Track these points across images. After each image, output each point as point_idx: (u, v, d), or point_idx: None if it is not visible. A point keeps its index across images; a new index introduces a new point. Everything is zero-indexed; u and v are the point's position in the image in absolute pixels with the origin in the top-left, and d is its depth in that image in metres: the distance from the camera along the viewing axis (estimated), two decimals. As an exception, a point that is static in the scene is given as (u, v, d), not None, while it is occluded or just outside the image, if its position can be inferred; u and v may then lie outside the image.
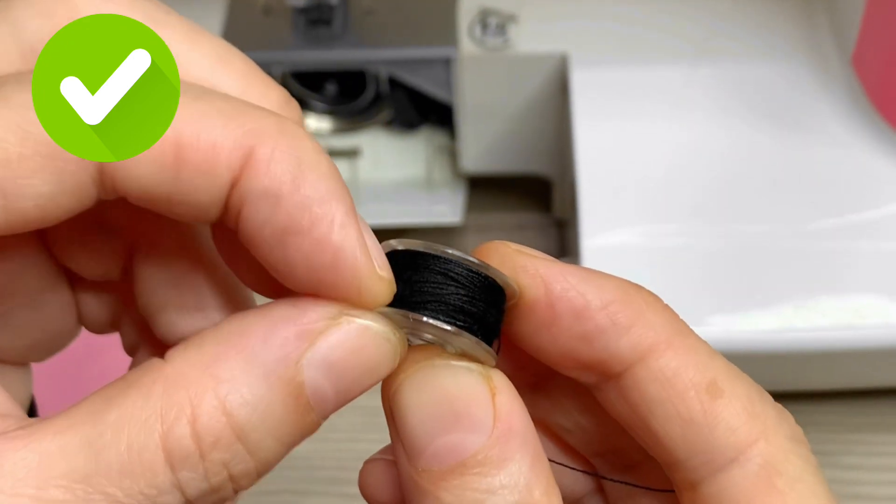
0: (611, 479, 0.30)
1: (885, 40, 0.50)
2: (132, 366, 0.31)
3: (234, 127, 0.23)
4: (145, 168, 0.23)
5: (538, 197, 0.62)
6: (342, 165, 0.59)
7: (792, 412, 0.56)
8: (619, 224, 0.49)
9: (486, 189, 0.62)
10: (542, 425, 0.30)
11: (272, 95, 0.27)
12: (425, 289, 0.25)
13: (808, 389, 0.52)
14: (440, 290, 0.25)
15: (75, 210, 0.24)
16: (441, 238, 0.61)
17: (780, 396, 0.53)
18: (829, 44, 0.55)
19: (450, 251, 0.25)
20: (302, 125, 0.26)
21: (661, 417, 0.26)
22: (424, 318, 0.25)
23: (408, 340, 0.26)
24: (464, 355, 0.25)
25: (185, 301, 0.28)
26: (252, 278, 0.27)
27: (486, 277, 0.25)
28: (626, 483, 0.29)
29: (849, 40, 0.53)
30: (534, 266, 0.26)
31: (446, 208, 0.59)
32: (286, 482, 0.51)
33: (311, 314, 0.24)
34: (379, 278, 0.24)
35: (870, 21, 0.51)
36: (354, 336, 0.24)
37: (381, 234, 0.25)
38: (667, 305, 0.27)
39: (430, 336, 0.25)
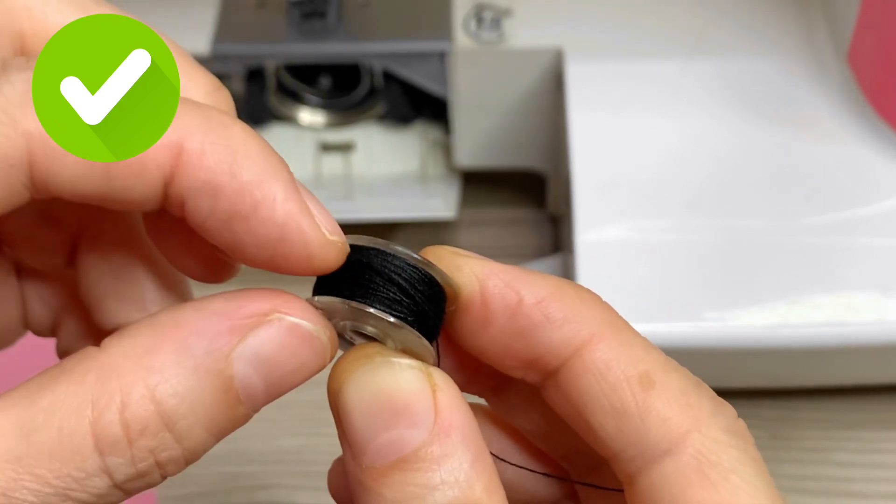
0: (567, 480, 0.30)
1: (881, 37, 0.50)
2: None
3: None
4: (76, 172, 0.23)
5: (532, 192, 0.62)
6: (336, 160, 0.59)
7: (785, 408, 0.56)
8: (614, 219, 0.49)
9: (480, 184, 0.62)
10: (510, 429, 0.31)
11: (199, 84, 0.27)
12: (370, 282, 0.25)
13: (802, 386, 0.52)
14: (384, 284, 0.25)
15: (8, 208, 0.24)
16: (435, 233, 0.61)
17: (774, 392, 0.54)
18: (825, 39, 0.55)
19: (395, 247, 0.26)
20: (231, 112, 0.27)
21: (596, 410, 0.26)
22: (368, 309, 0.25)
23: (350, 338, 0.27)
24: (404, 352, 0.26)
25: (123, 292, 0.29)
26: (183, 263, 0.28)
27: (428, 275, 0.26)
28: (583, 483, 0.30)
29: (844, 36, 0.53)
30: (468, 265, 0.27)
31: (440, 203, 0.58)
32: (278, 476, 0.51)
33: (244, 310, 0.24)
34: (329, 243, 0.25)
35: (865, 17, 0.50)
36: (284, 333, 0.25)
37: (375, 228, 0.25)
38: (602, 301, 0.27)
39: (372, 329, 0.26)
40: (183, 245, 0.27)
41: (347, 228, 0.26)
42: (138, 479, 0.24)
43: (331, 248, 0.25)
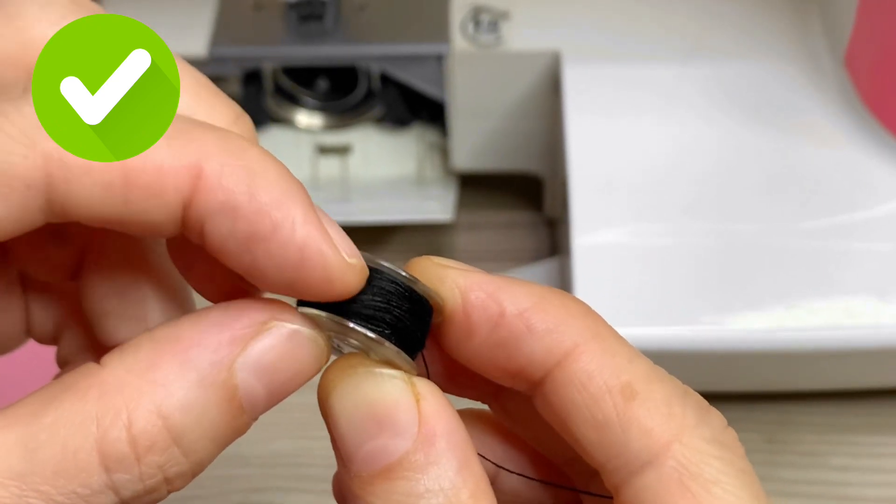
0: (559, 486, 0.30)
1: (878, 41, 0.50)
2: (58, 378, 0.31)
3: (178, 147, 0.24)
4: (94, 194, 0.23)
5: (529, 195, 0.62)
6: (333, 162, 0.59)
7: (781, 412, 0.56)
8: (611, 222, 0.49)
9: (477, 187, 0.62)
10: (513, 436, 0.31)
11: (222, 111, 0.27)
12: (355, 296, 0.25)
13: (799, 390, 0.52)
14: (366, 299, 0.26)
15: (23, 231, 0.24)
16: (431, 236, 0.60)
17: (771, 396, 0.54)
18: (822, 44, 0.55)
19: (383, 264, 0.26)
20: (253, 139, 0.27)
21: (579, 422, 0.26)
22: (348, 323, 0.25)
23: (338, 347, 0.27)
24: (388, 363, 0.26)
25: (126, 310, 0.29)
26: (206, 287, 0.28)
27: (409, 290, 0.26)
28: (577, 489, 0.30)
29: (841, 40, 0.53)
30: (451, 277, 0.27)
31: (437, 206, 0.58)
32: (274, 480, 0.51)
33: (243, 320, 0.25)
34: (349, 266, 0.25)
35: (862, 21, 0.51)
36: (285, 339, 0.25)
37: (372, 231, 0.25)
38: (589, 309, 0.27)
39: (355, 342, 0.26)
40: (207, 274, 0.27)
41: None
42: (146, 495, 0.24)
43: (350, 271, 0.25)
